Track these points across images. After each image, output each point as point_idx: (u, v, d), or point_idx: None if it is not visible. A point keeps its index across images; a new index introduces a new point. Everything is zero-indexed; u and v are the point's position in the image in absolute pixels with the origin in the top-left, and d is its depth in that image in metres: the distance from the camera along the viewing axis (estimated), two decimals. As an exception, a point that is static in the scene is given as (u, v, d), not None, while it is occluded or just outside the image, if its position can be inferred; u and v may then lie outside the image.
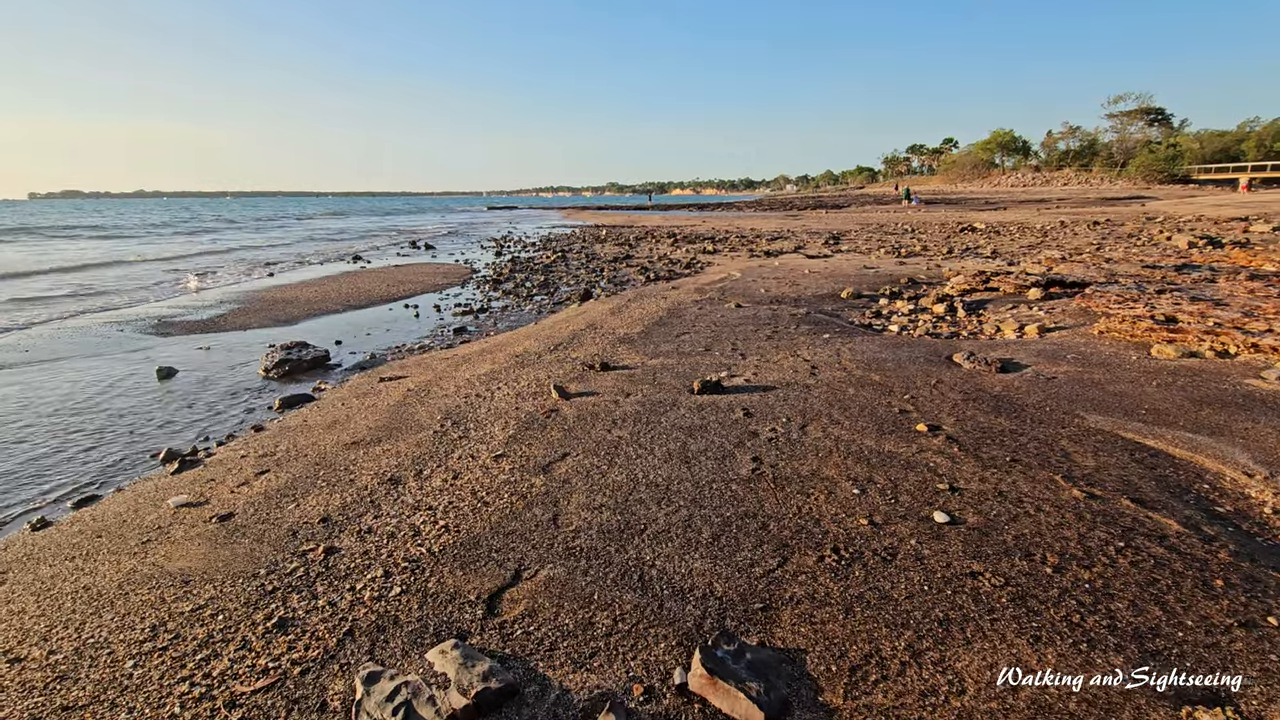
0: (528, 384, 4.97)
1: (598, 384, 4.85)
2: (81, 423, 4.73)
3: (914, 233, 20.15)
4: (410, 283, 11.83)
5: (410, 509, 2.97)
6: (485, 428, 4.03)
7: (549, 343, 6.42)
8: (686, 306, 8.14)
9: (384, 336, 7.59)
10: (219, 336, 7.64)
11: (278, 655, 2.00)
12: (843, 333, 6.40)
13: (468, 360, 5.96)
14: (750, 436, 3.62)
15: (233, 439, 4.38)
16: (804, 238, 19.49)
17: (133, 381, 5.77)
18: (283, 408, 5.02)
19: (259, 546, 2.71)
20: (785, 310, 7.64)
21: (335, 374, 6.02)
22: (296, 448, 3.97)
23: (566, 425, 3.95)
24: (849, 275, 10.77)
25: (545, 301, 9.72)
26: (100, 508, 3.39)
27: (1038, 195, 55.42)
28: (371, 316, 8.93)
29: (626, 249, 17.89)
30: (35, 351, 6.91)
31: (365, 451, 3.77)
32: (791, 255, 14.74)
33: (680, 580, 2.27)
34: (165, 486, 3.56)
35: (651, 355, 5.68)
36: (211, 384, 5.71)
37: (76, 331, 7.94)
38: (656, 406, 4.21)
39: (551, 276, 12.48)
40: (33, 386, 5.59)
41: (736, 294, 9.07)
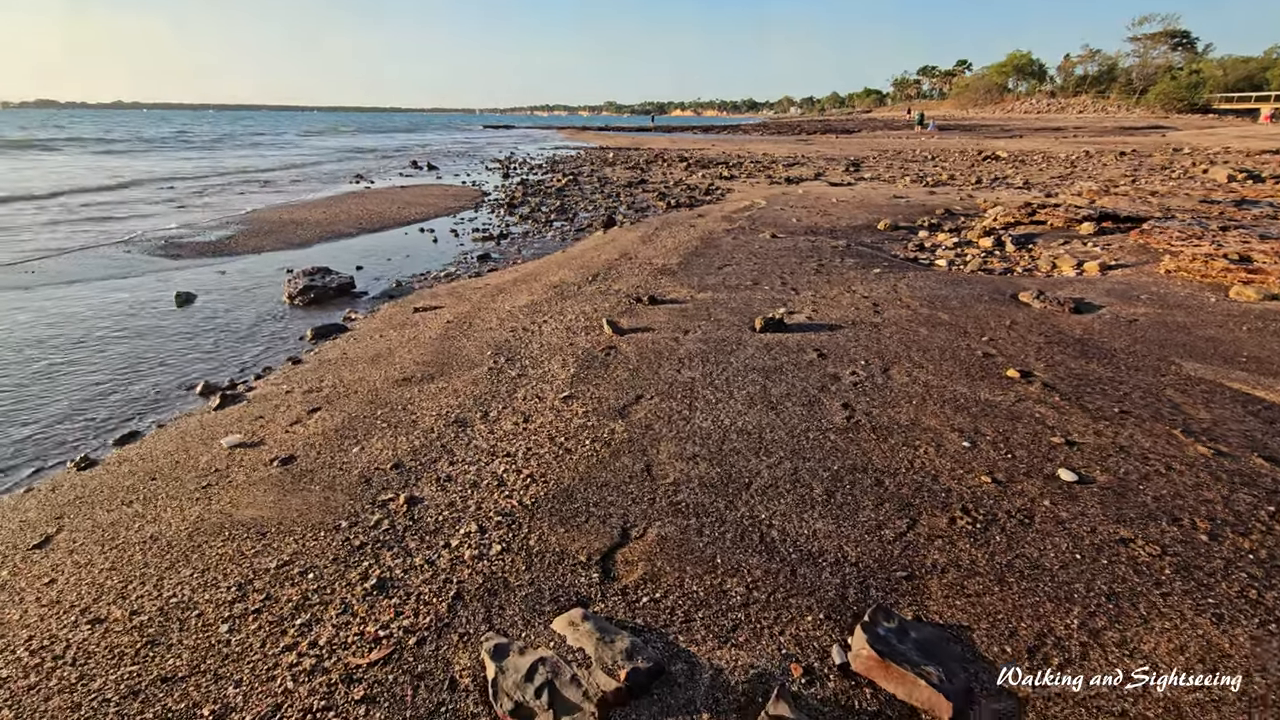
0: (575, 317, 4.71)
1: (650, 319, 4.60)
2: (105, 352, 4.48)
3: (935, 160, 19.42)
4: (421, 205, 11.32)
5: (486, 455, 2.78)
6: (543, 365, 3.80)
7: (585, 273, 6.11)
8: (719, 236, 7.78)
9: (405, 263, 7.24)
10: (232, 260, 7.27)
11: (386, 622, 1.84)
12: (892, 267, 6.11)
13: (503, 290, 5.67)
14: (831, 380, 3.41)
15: (270, 372, 4.14)
16: (821, 164, 18.76)
17: (151, 308, 5.48)
18: (316, 338, 4.76)
19: (332, 495, 2.52)
20: (824, 242, 7.30)
21: (363, 303, 5.73)
22: (343, 383, 3.75)
23: (630, 364, 3.72)
24: (880, 205, 10.34)
25: (566, 228, 9.31)
26: (145, 445, 3.19)
27: (1054, 123, 53.52)
28: (387, 241, 8.53)
29: (639, 173, 17.19)
30: (44, 276, 6.57)
31: (420, 389, 3.55)
32: (813, 183, 14.17)
33: (805, 543, 2.10)
34: (211, 424, 3.35)
35: (698, 288, 5.39)
36: (234, 311, 5.42)
37: (83, 254, 7.55)
38: (721, 345, 3.98)
39: (567, 201, 11.96)
40: (48, 314, 5.30)
41: (768, 224, 8.68)
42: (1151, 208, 8.18)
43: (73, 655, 1.78)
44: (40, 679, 1.70)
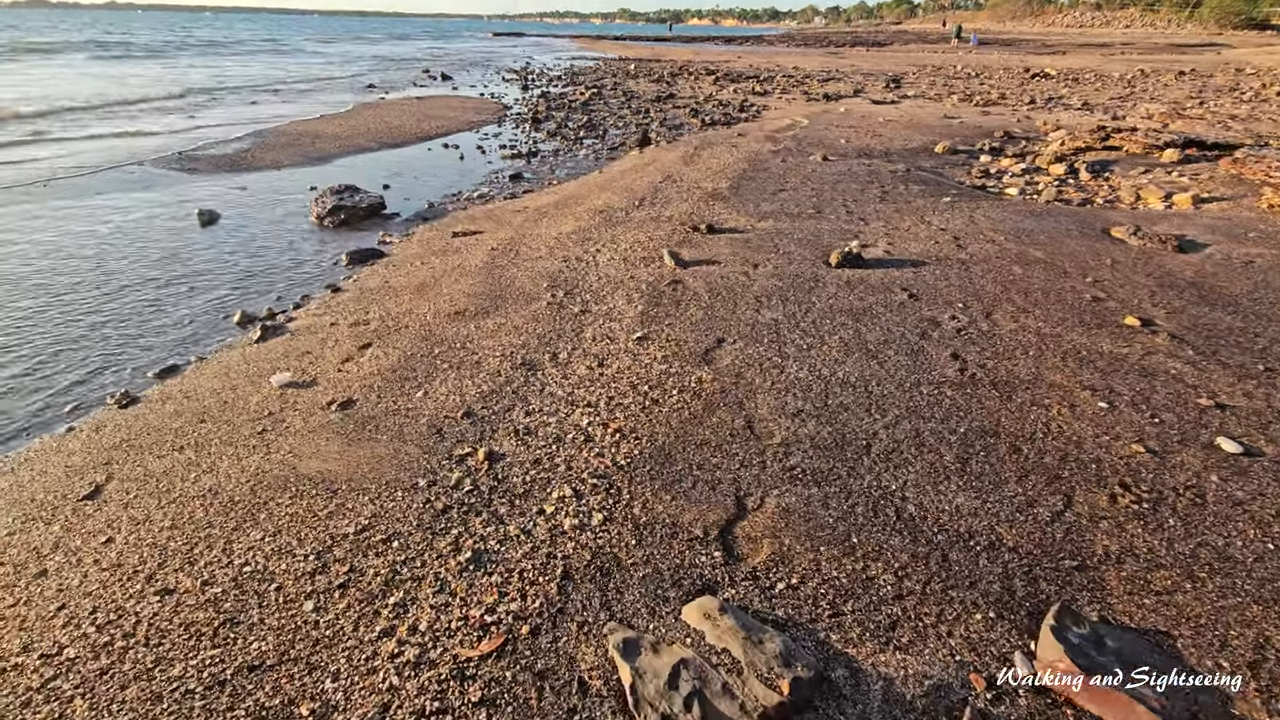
0: (629, 246, 4.35)
1: (712, 250, 4.24)
2: (129, 274, 4.19)
3: (980, 78, 18.17)
4: (442, 119, 10.66)
5: (564, 404, 2.52)
6: (606, 300, 3.49)
7: (630, 197, 5.69)
8: (766, 158, 7.24)
9: (434, 181, 6.80)
10: (251, 175, 6.84)
11: (491, 605, 1.63)
12: (961, 195, 5.64)
13: (545, 215, 5.27)
14: (931, 326, 3.09)
15: (309, 300, 3.86)
16: (859, 80, 17.59)
17: (173, 227, 5.14)
18: (352, 263, 4.45)
19: (403, 447, 2.29)
20: (881, 166, 6.78)
21: (396, 225, 5.37)
22: (391, 316, 3.46)
23: (702, 302, 3.41)
24: (932, 126, 9.63)
25: (598, 146, 8.74)
26: (187, 381, 2.95)
27: (1099, 39, 50.10)
28: (411, 157, 8.03)
29: (665, 87, 16.19)
30: (59, 193, 6.19)
31: (476, 325, 3.26)
32: (854, 100, 13.27)
33: (950, 521, 1.86)
34: (255, 358, 3.10)
35: (757, 216, 4.99)
36: (261, 232, 5.08)
37: (98, 168, 7.12)
38: (798, 282, 3.64)
39: (594, 117, 11.24)
40: (66, 236, 4.97)
41: (815, 144, 8.08)
42: (1238, 134, 7.52)
43: (145, 633, 1.59)
44: (113, 662, 1.52)
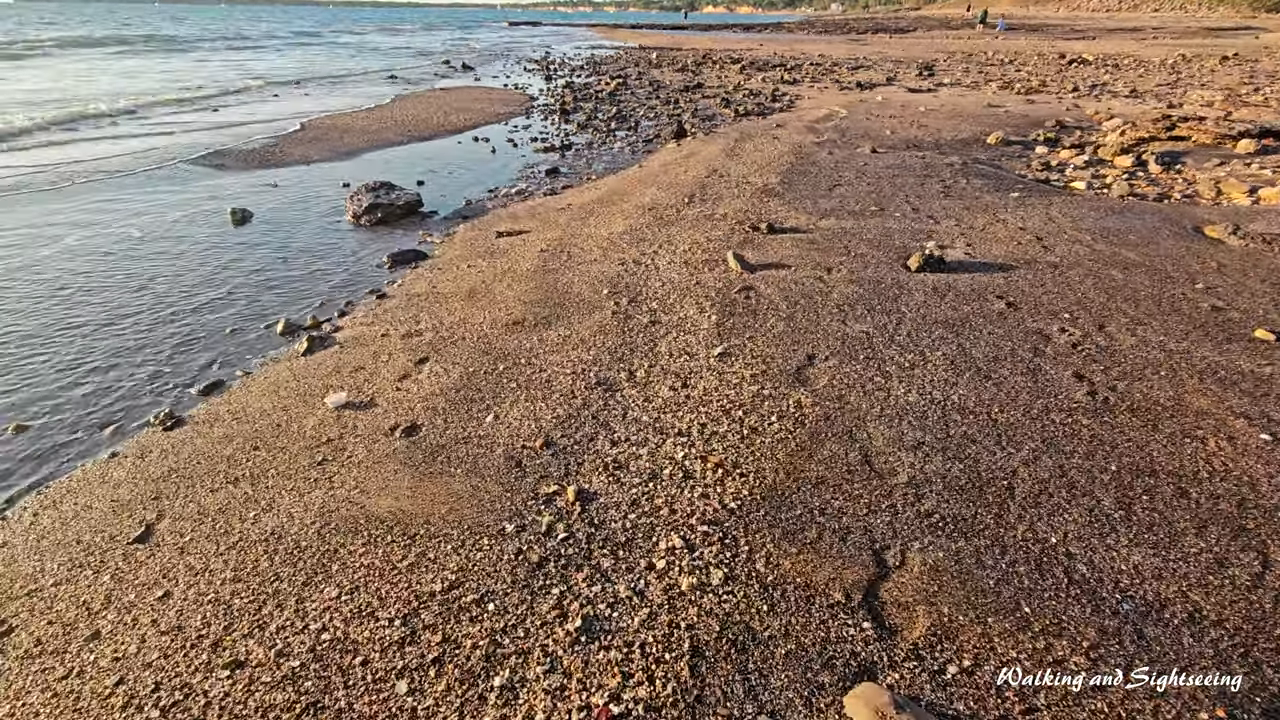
0: (688, 248, 4.09)
1: (778, 251, 3.97)
2: (164, 279, 4.00)
3: (1013, 64, 17.63)
4: (469, 111, 10.41)
5: (652, 431, 2.28)
6: (675, 309, 3.23)
7: (678, 193, 5.42)
8: (812, 150, 6.93)
9: (468, 176, 6.56)
10: (282, 171, 6.64)
11: (614, 689, 1.39)
12: (1029, 190, 5.32)
13: (591, 213, 5.02)
14: (1041, 340, 2.81)
15: (353, 307, 3.64)
16: (889, 68, 17.12)
17: (206, 225, 4.94)
18: (394, 265, 4.23)
19: (481, 483, 2.06)
20: (935, 159, 6.45)
21: (435, 223, 5.14)
22: (444, 326, 3.24)
23: (780, 311, 3.14)
24: (977, 115, 9.25)
25: (632, 138, 8.45)
26: (234, 399, 2.74)
27: (1128, 23, 48.83)
28: (441, 150, 7.79)
29: (691, 76, 15.83)
30: (87, 191, 6.02)
31: (539, 337, 3.03)
32: (888, 89, 12.86)
33: (1131, 584, 1.60)
34: (304, 373, 2.89)
35: (817, 214, 4.70)
36: (296, 231, 4.87)
37: (125, 163, 6.96)
38: (879, 288, 3.37)
39: (624, 108, 10.94)
40: (97, 236, 4.80)
41: (860, 136, 7.75)
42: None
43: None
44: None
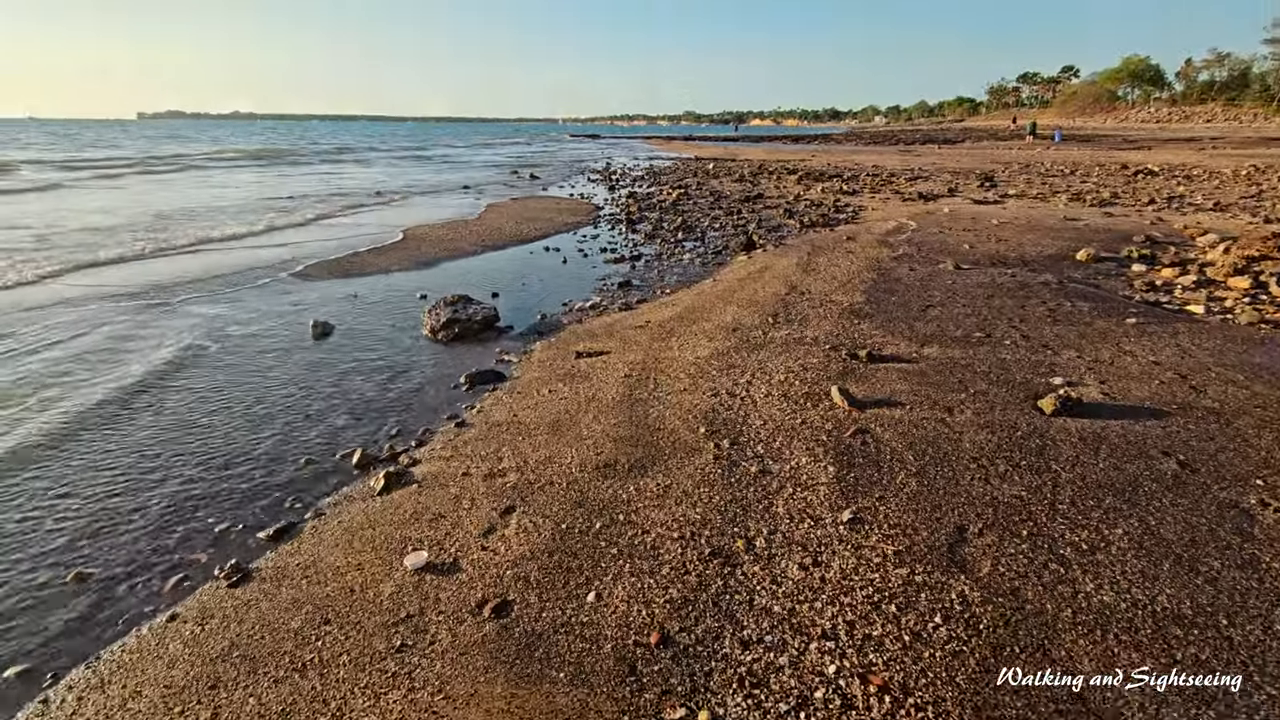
0: (783, 378, 3.80)
1: (884, 385, 3.64)
2: (240, 398, 3.91)
3: (1075, 175, 17.53)
4: (538, 221, 10.74)
5: (788, 629, 1.89)
6: (784, 455, 2.90)
7: (758, 312, 5.21)
8: (890, 266, 6.72)
9: (541, 288, 6.56)
10: (362, 281, 6.79)
11: None
12: (1146, 315, 4.90)
13: (671, 332, 4.83)
14: (1242, 517, 2.35)
15: (431, 436, 3.44)
16: (948, 178, 17.23)
17: (287, 339, 4.95)
18: (472, 387, 4.06)
19: (590, 697, 1.70)
20: (1027, 277, 6.13)
21: (511, 339, 5.04)
22: (528, 464, 2.97)
23: (908, 464, 2.77)
24: (1054, 229, 8.98)
25: (700, 249, 8.45)
26: (305, 548, 2.49)
27: (1183, 133, 48.98)
28: (514, 260, 7.91)
29: (749, 186, 16.22)
30: (171, 299, 6.23)
31: (635, 486, 2.72)
32: (952, 200, 12.81)
33: None
34: (380, 518, 2.63)
35: (916, 340, 4.39)
36: (375, 347, 4.81)
37: (211, 268, 7.27)
38: (1016, 437, 2.97)
39: (688, 218, 11.11)
40: (176, 348, 4.84)
41: (936, 250, 7.54)
42: None
43: None
44: None
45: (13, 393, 3.93)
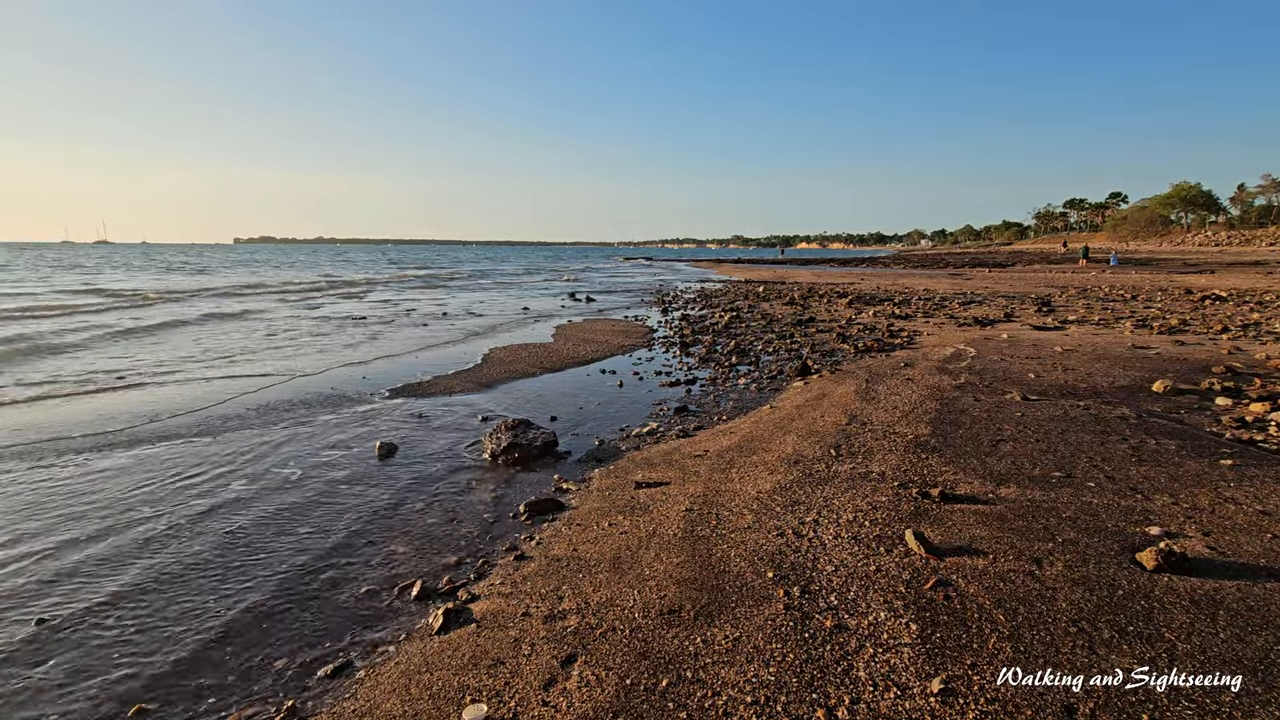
0: (852, 517, 3.65)
1: (962, 529, 3.44)
2: (303, 520, 3.98)
3: (1137, 300, 17.19)
4: (594, 343, 11.09)
5: (883, 826, 1.68)
6: (859, 608, 2.72)
7: (819, 443, 5.11)
8: (954, 396, 6.57)
9: (598, 411, 6.64)
10: (427, 401, 7.04)
11: None
12: (1241, 456, 4.58)
13: (730, 462, 4.76)
14: (1404, 709, 2.04)
15: (489, 568, 3.39)
16: (1002, 303, 17.15)
17: (353, 459, 5.10)
18: (531, 515, 4.04)
19: None
20: (1103, 410, 5.88)
21: (569, 465, 5.05)
22: (589, 605, 2.87)
23: (998, 625, 2.56)
24: (1124, 358, 8.71)
25: (755, 374, 8.49)
26: (362, 695, 2.42)
27: (1245, 256, 48.06)
28: (570, 383, 8.10)
29: (800, 309, 16.48)
30: (236, 415, 6.57)
31: (702, 638, 2.58)
32: (1009, 325, 12.67)
33: None
34: (439, 664, 2.55)
35: (991, 479, 4.19)
36: (437, 469, 4.90)
37: (278, 389, 7.69)
38: (1119, 598, 2.73)
39: (741, 342, 11.28)
40: (246, 462, 5.04)
41: (1000, 378, 7.36)
42: None
43: None
44: None
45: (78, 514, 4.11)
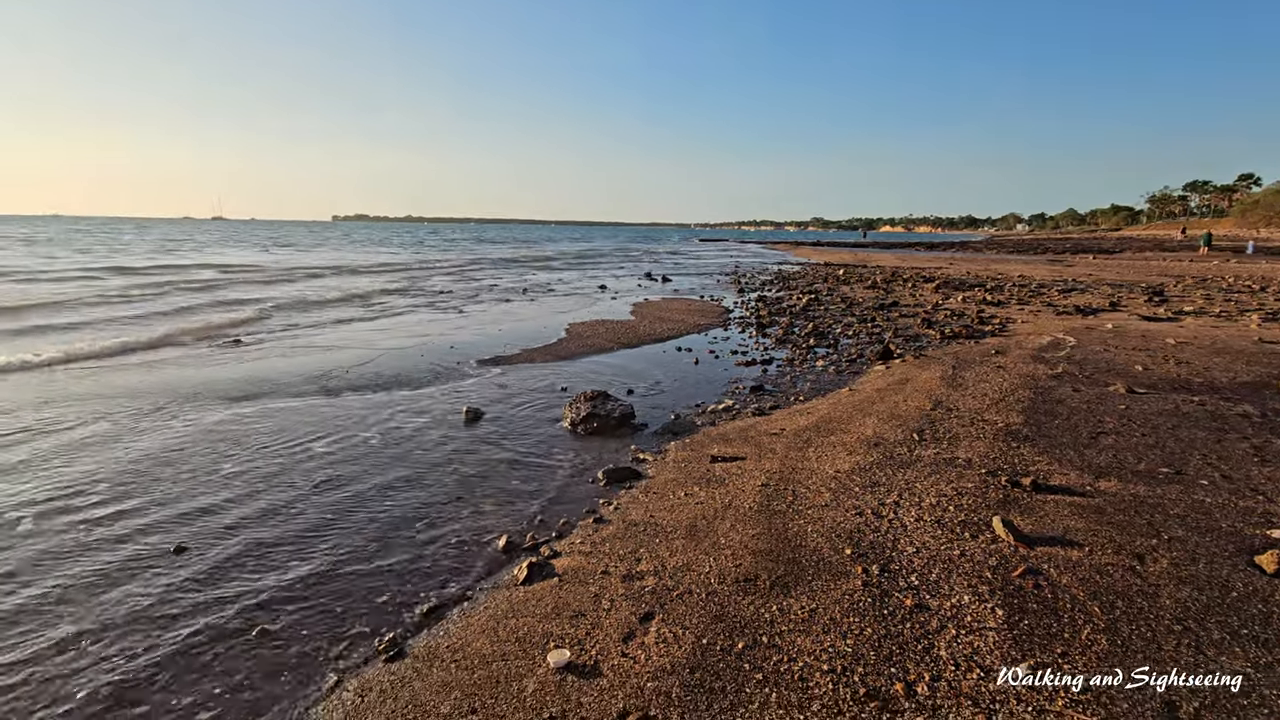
0: (935, 501, 3.56)
1: (1055, 520, 3.29)
2: (396, 476, 4.25)
3: (1268, 291, 15.58)
4: (670, 321, 11.13)
5: (963, 799, 1.68)
6: (941, 590, 2.67)
7: (901, 426, 4.98)
8: (1049, 385, 6.21)
9: (674, 387, 6.70)
10: (510, 372, 7.31)
11: None
12: (1387, 464, 4.13)
13: (807, 442, 4.72)
14: None
15: (570, 528, 3.53)
16: (1109, 291, 15.96)
17: (443, 422, 5.38)
18: (609, 483, 4.15)
19: (742, 842, 1.58)
20: (1221, 407, 5.42)
21: (646, 437, 5.14)
22: (667, 570, 2.95)
23: (1093, 619, 2.45)
24: (1247, 352, 7.95)
25: (834, 356, 8.30)
26: (453, 631, 2.59)
27: (1406, 247, 42.54)
28: (647, 358, 8.19)
29: (882, 293, 15.91)
30: (344, 383, 7.03)
31: (778, 606, 2.61)
32: (1115, 315, 11.79)
33: None
34: (523, 609, 2.70)
35: (1090, 471, 3.97)
36: (519, 434, 5.10)
37: (376, 361, 8.16)
38: (1231, 599, 2.55)
39: (819, 324, 11.03)
40: (348, 422, 5.41)
41: (1103, 370, 6.89)
42: None
43: None
44: None
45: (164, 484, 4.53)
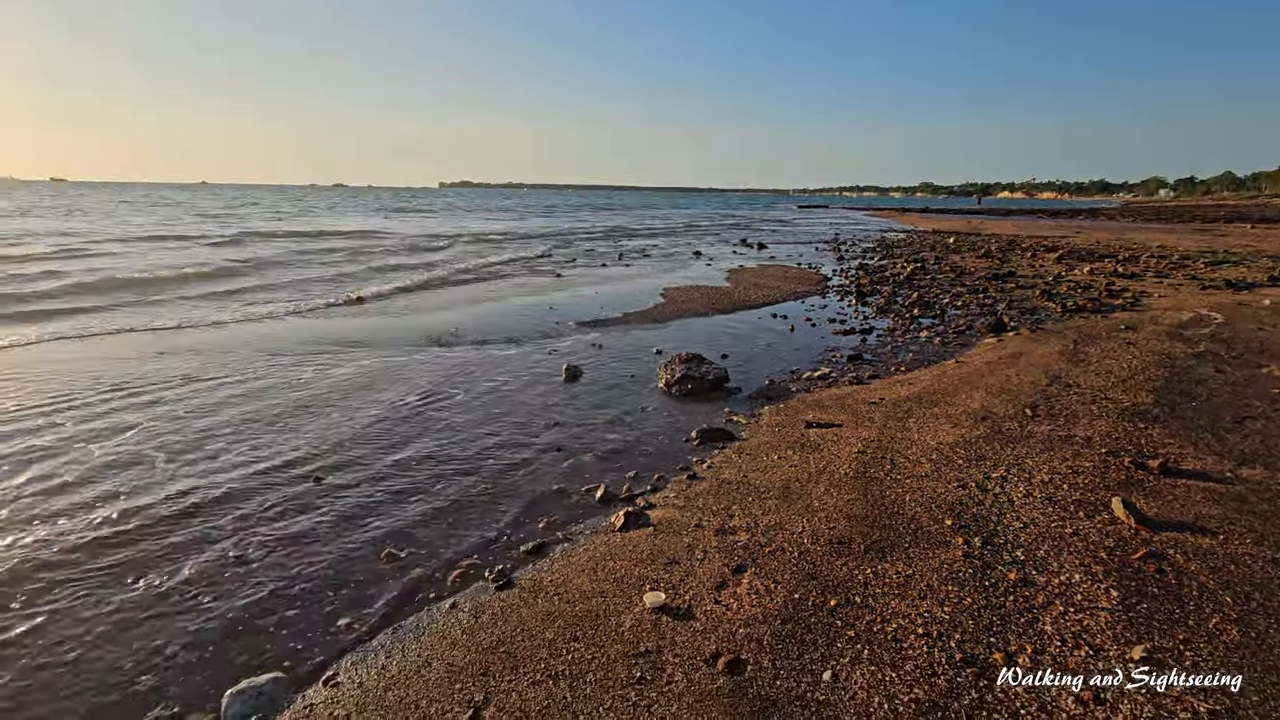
0: (1047, 478, 3.39)
1: (1185, 505, 3.06)
2: (506, 424, 4.51)
3: None
4: (766, 288, 10.96)
5: (1063, 768, 1.65)
6: (1049, 567, 2.57)
7: (1012, 401, 4.72)
8: (1188, 365, 5.66)
9: (768, 354, 6.65)
10: (606, 334, 7.50)
11: None
12: None
13: (908, 412, 4.58)
14: None
15: (664, 484, 3.63)
16: (1269, 264, 14.13)
17: (545, 379, 5.64)
18: (702, 443, 4.23)
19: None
20: (1403, 396, 4.75)
21: (739, 400, 5.16)
22: (758, 526, 3.00)
23: (1223, 606, 2.29)
24: None
25: (939, 328, 7.91)
26: (556, 567, 2.78)
27: None
28: (742, 324, 8.14)
29: (997, 263, 14.87)
30: (458, 339, 7.44)
31: (873, 570, 2.60)
32: (1273, 289, 10.48)
33: None
34: (620, 553, 2.84)
35: (1231, 458, 3.64)
36: (616, 393, 5.26)
37: (490, 317, 8.57)
38: (1396, 601, 2.30)
39: (925, 294, 10.49)
40: (461, 375, 5.75)
41: (1255, 351, 6.19)
42: None
43: None
44: None
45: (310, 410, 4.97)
